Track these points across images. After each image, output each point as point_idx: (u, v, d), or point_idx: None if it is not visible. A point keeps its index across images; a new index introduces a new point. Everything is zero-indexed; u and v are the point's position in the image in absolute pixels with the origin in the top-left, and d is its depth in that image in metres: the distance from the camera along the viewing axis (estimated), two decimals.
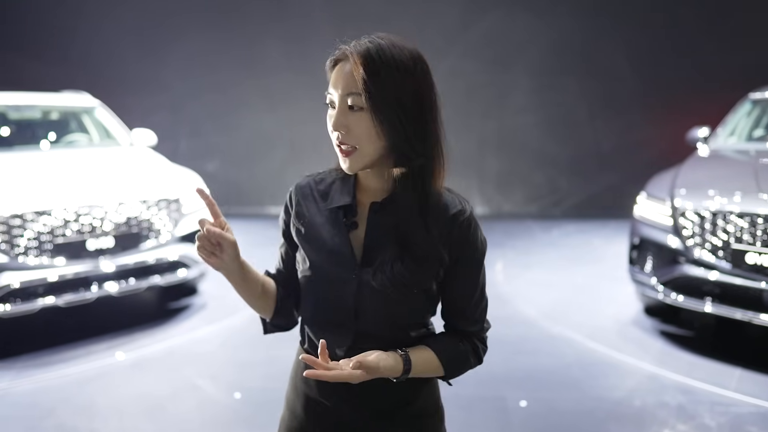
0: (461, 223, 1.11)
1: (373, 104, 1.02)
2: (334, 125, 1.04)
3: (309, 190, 1.17)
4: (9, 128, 4.83)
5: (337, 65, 1.06)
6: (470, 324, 1.19)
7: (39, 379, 3.33)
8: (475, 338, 1.20)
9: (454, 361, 1.15)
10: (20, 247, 3.60)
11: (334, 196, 1.14)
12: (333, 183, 1.16)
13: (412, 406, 1.17)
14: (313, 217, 1.14)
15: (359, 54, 1.03)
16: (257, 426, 2.87)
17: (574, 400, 3.07)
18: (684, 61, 7.58)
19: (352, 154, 1.05)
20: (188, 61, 8.19)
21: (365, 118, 1.03)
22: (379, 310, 1.11)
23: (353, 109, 1.03)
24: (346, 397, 1.14)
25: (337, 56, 1.07)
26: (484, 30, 7.87)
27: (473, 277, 1.16)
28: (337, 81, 1.05)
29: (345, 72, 1.04)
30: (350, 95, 1.03)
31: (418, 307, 1.13)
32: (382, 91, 1.01)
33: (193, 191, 4.39)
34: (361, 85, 1.01)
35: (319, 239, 1.13)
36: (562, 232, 7.03)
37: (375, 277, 1.08)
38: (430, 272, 1.10)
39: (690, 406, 2.96)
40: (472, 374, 3.50)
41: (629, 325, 4.09)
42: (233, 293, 1.24)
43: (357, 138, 1.04)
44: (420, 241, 1.07)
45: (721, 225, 3.49)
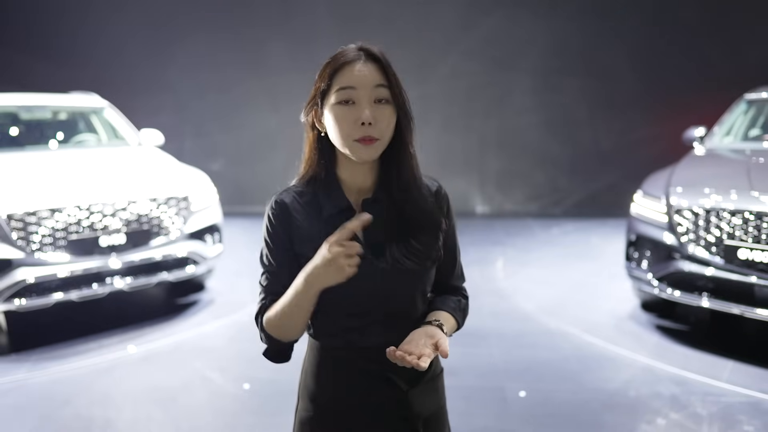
0: (443, 196, 1.29)
1: (397, 98, 1.16)
2: (366, 118, 1.12)
3: (296, 204, 1.21)
4: (20, 128, 4.94)
5: (352, 65, 1.15)
6: (458, 280, 1.37)
7: (54, 371, 3.45)
8: (462, 290, 1.38)
9: (462, 315, 1.33)
10: (35, 244, 3.71)
11: (325, 203, 1.20)
12: (315, 193, 1.21)
13: (430, 370, 1.29)
14: (312, 228, 1.19)
15: (379, 54, 1.17)
16: (266, 415, 2.98)
17: (571, 391, 3.18)
18: (684, 62, 7.67)
19: (374, 143, 1.14)
20: (193, 61, 8.30)
21: (389, 110, 1.16)
22: (404, 290, 1.21)
23: (380, 102, 1.15)
24: (385, 377, 1.22)
25: (352, 57, 1.15)
26: (485, 30, 7.97)
27: (455, 241, 1.34)
28: (361, 78, 1.14)
29: (368, 69, 1.15)
30: (378, 88, 1.14)
31: (431, 278, 1.27)
32: (399, 86, 1.17)
33: (200, 189, 4.51)
34: (385, 80, 1.15)
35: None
36: (561, 231, 7.13)
37: (394, 258, 1.19)
38: (436, 239, 1.24)
39: (683, 397, 3.06)
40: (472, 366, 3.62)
41: (626, 319, 4.20)
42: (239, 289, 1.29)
43: (381, 129, 1.14)
44: (425, 210, 1.22)
45: (714, 222, 3.60)
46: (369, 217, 1.06)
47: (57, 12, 8.41)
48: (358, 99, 1.14)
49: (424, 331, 1.17)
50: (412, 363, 1.07)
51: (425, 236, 1.21)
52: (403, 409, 1.24)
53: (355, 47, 1.18)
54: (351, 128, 1.13)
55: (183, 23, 8.23)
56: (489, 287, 4.95)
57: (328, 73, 1.16)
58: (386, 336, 1.19)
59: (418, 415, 1.26)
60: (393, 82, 1.16)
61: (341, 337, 1.22)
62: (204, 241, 4.46)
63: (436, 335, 1.16)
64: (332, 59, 1.17)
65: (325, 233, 1.13)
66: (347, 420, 1.24)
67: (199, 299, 4.67)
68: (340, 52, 1.17)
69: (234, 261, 5.51)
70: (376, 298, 1.19)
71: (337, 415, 1.25)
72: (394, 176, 1.21)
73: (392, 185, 1.21)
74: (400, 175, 1.21)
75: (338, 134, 1.15)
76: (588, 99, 7.98)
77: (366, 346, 1.21)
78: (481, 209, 8.31)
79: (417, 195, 1.22)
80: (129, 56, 8.33)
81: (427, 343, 1.13)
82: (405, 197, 1.20)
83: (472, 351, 3.65)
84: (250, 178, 8.39)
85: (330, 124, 1.17)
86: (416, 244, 1.19)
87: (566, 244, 6.47)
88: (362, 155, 1.15)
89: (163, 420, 2.94)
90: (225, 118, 8.45)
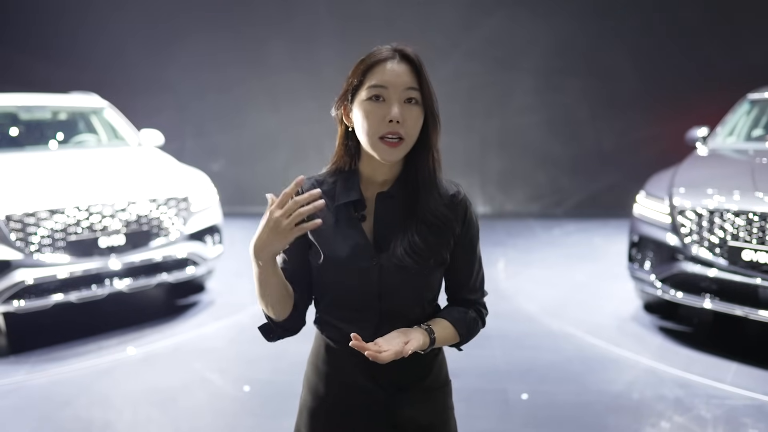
0: (461, 201, 1.25)
1: (427, 100, 1.17)
2: (395, 116, 1.13)
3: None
4: (20, 129, 4.92)
5: (385, 63, 1.16)
6: (473, 293, 1.32)
7: (53, 372, 3.43)
8: (478, 305, 1.34)
9: (467, 328, 1.28)
10: (34, 245, 3.69)
11: (339, 194, 1.21)
12: (335, 182, 1.23)
13: (426, 380, 1.28)
14: (323, 216, 1.19)
15: (413, 56, 1.18)
16: (266, 417, 2.96)
17: (574, 393, 3.15)
18: (685, 61, 7.65)
19: (400, 144, 1.15)
20: (193, 61, 8.28)
21: (417, 111, 1.17)
22: (401, 289, 1.20)
23: (410, 103, 1.15)
24: (371, 375, 1.23)
25: (386, 56, 1.16)
26: (486, 30, 7.95)
27: (474, 250, 1.29)
28: (394, 77, 1.15)
29: (402, 69, 1.16)
30: (410, 89, 1.15)
31: (434, 281, 1.24)
32: (429, 87, 1.19)
33: (200, 190, 4.48)
34: (417, 83, 1.17)
35: (335, 235, 1.20)
36: (563, 231, 7.10)
37: (395, 255, 1.18)
38: (444, 241, 1.22)
39: (687, 399, 3.04)
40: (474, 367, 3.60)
41: (629, 321, 4.17)
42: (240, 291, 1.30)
43: (408, 129, 1.15)
44: (435, 208, 1.20)
45: (718, 223, 3.57)
46: (318, 192, 1.04)
47: (57, 12, 8.40)
48: (388, 97, 1.15)
49: (405, 330, 1.18)
50: (369, 354, 1.07)
51: (432, 237, 1.20)
52: (389, 414, 1.24)
53: (390, 47, 1.19)
54: (379, 124, 1.14)
55: (183, 23, 8.21)
56: (491, 288, 4.85)
57: (361, 69, 1.17)
58: (378, 334, 1.18)
59: (407, 422, 1.25)
60: (424, 84, 1.17)
61: (336, 329, 1.23)
62: (204, 242, 4.44)
63: (411, 335, 1.16)
64: (366, 56, 1.18)
65: (333, 222, 1.19)
66: (338, 414, 1.26)
67: (199, 300, 4.65)
68: (375, 51, 1.18)
69: (234, 262, 5.49)
70: (371, 293, 1.19)
71: (331, 407, 1.27)
72: (411, 175, 1.21)
73: (409, 184, 1.22)
74: (419, 175, 1.21)
75: (365, 130, 1.16)
76: (589, 99, 7.96)
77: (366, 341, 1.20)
78: (483, 210, 8.29)
79: (431, 196, 1.21)
80: (129, 56, 8.32)
81: (400, 342, 1.13)
82: (418, 197, 1.20)
83: (474, 352, 3.61)
84: (250, 178, 8.37)
85: (358, 119, 1.17)
86: (420, 243, 1.19)
87: (568, 245, 6.44)
88: (386, 156, 1.16)
89: (162, 421, 2.92)
90: (225, 118, 8.44)
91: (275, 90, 8.17)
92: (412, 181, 1.21)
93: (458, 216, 1.24)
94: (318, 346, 1.31)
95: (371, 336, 1.17)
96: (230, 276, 5.17)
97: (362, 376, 1.24)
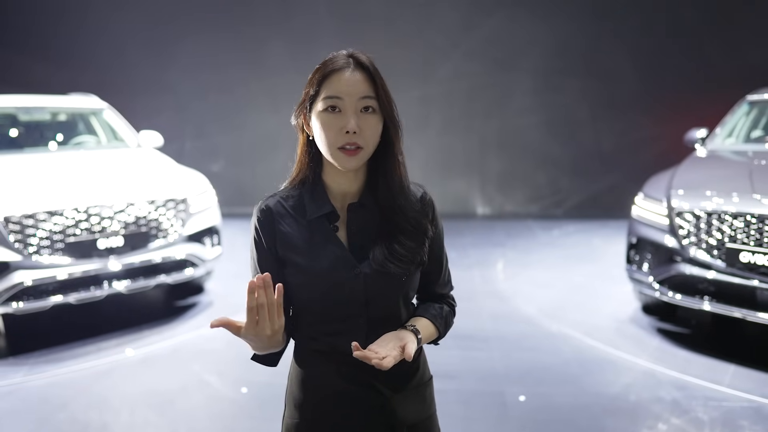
0: (428, 203, 1.29)
1: (384, 107, 1.17)
2: (351, 127, 1.13)
3: (281, 208, 1.22)
4: (19, 130, 4.93)
5: (340, 73, 1.15)
6: (443, 287, 1.37)
7: (51, 374, 3.43)
8: (449, 299, 1.38)
9: (444, 323, 1.33)
10: (33, 246, 3.70)
11: (309, 207, 1.21)
12: (300, 197, 1.23)
13: (416, 377, 1.30)
14: (296, 232, 1.20)
15: (368, 63, 1.17)
16: (264, 419, 2.96)
17: (572, 395, 3.15)
18: (684, 62, 7.65)
19: (358, 153, 1.16)
20: (193, 62, 8.28)
21: (375, 120, 1.17)
22: (387, 294, 1.21)
23: (366, 111, 1.16)
24: (365, 381, 1.23)
25: (341, 65, 1.16)
26: (486, 31, 7.95)
27: (442, 247, 1.33)
28: (350, 87, 1.15)
29: (357, 79, 1.15)
30: (365, 98, 1.15)
31: (415, 281, 1.27)
32: (387, 95, 1.18)
33: (198, 191, 4.49)
34: (374, 90, 1.16)
35: (313, 250, 1.20)
36: (562, 232, 7.10)
37: (376, 261, 1.19)
38: (421, 245, 1.24)
39: (684, 401, 3.04)
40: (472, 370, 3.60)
41: (627, 322, 4.17)
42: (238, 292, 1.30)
43: (366, 138, 1.16)
44: (409, 217, 1.22)
45: (716, 225, 3.57)
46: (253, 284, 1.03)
47: (56, 13, 8.40)
48: (344, 107, 1.15)
49: (396, 334, 1.20)
50: (374, 362, 1.09)
51: (410, 241, 1.22)
52: (387, 416, 1.25)
53: (346, 54, 1.19)
54: (336, 136, 1.15)
55: (182, 24, 8.22)
56: (489, 289, 4.92)
57: (317, 79, 1.17)
58: (369, 340, 1.19)
59: (402, 422, 1.26)
60: (380, 92, 1.17)
61: (324, 342, 1.23)
62: (203, 244, 4.44)
63: (406, 338, 1.18)
64: (322, 65, 1.18)
65: (308, 237, 1.20)
66: (331, 427, 1.25)
67: (197, 302, 4.65)
68: (330, 59, 1.18)
69: (233, 263, 5.50)
70: (358, 301, 1.20)
71: (322, 421, 1.25)
72: (381, 183, 1.22)
73: (379, 192, 1.23)
74: (388, 183, 1.22)
75: (323, 141, 1.17)
76: (589, 100, 7.96)
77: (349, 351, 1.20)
78: (482, 210, 8.29)
79: (404, 202, 1.23)
80: (128, 57, 8.32)
81: (396, 346, 1.15)
82: (392, 204, 1.22)
83: (471, 354, 3.63)
84: (249, 179, 8.37)
85: (316, 130, 1.18)
86: (400, 249, 1.20)
87: (567, 246, 6.44)
88: (345, 164, 1.16)
89: (160, 424, 2.92)
90: (225, 119, 8.44)
91: (275, 91, 8.17)
92: (382, 189, 1.22)
93: (429, 217, 1.27)
94: (302, 362, 1.28)
95: (363, 344, 1.17)
96: (229, 277, 5.18)
97: (358, 384, 1.23)
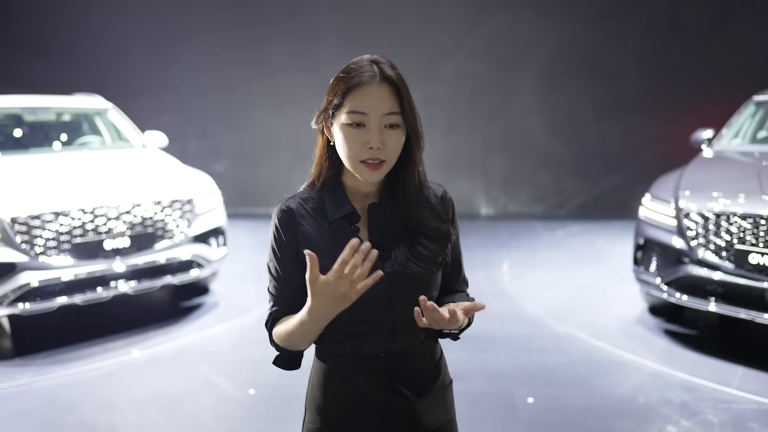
0: (448, 202, 1.31)
1: (408, 120, 1.17)
2: (375, 144, 1.13)
3: (302, 210, 1.22)
4: (24, 130, 4.92)
5: (366, 87, 1.13)
6: (463, 284, 1.38)
7: (58, 375, 3.43)
8: (467, 295, 1.38)
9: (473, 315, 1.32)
10: (39, 247, 3.69)
11: (330, 209, 1.21)
12: (321, 198, 1.23)
13: (438, 381, 1.30)
14: (318, 233, 1.20)
15: (394, 76, 1.15)
16: (272, 421, 2.95)
17: (580, 396, 3.14)
18: (689, 63, 7.63)
19: (381, 167, 1.16)
20: (196, 60, 8.27)
21: (398, 134, 1.17)
22: (409, 294, 1.19)
23: (391, 127, 1.15)
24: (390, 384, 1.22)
25: (366, 79, 1.14)
26: (490, 31, 7.94)
27: (458, 246, 1.35)
28: (375, 102, 1.13)
29: (383, 93, 1.14)
30: (390, 115, 1.14)
31: (437, 282, 1.27)
32: (411, 108, 1.16)
33: (204, 192, 4.48)
34: (399, 105, 1.15)
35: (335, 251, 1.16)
36: (566, 233, 7.09)
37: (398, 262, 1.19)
38: (443, 247, 1.25)
39: (693, 403, 3.03)
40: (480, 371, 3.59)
41: (634, 324, 4.16)
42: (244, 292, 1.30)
43: (389, 152, 1.16)
44: (430, 221, 1.23)
45: (724, 226, 3.56)
46: (368, 246, 1.04)
47: (58, 12, 8.39)
48: (369, 123, 1.14)
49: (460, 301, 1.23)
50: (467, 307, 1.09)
51: (432, 244, 1.23)
52: (411, 420, 1.24)
53: (369, 61, 1.17)
54: (359, 150, 1.15)
55: (185, 23, 8.21)
56: (495, 290, 4.91)
57: (341, 90, 1.15)
58: (393, 343, 1.20)
59: (426, 426, 1.25)
60: (405, 106, 1.16)
61: (348, 345, 1.22)
62: (208, 244, 4.43)
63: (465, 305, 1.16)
64: (346, 75, 1.16)
65: (330, 238, 1.19)
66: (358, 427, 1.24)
67: (203, 302, 4.65)
68: (354, 69, 1.16)
69: (238, 263, 5.49)
70: (382, 303, 1.19)
71: (345, 426, 1.24)
72: (399, 191, 1.23)
73: (398, 199, 1.23)
74: (407, 191, 1.22)
75: (346, 154, 1.17)
76: (593, 100, 7.95)
77: (373, 354, 1.21)
78: (486, 211, 8.28)
79: (420, 211, 1.23)
80: (131, 56, 8.31)
81: (458, 307, 1.14)
82: (410, 212, 1.22)
83: (478, 356, 3.62)
84: (253, 180, 8.37)
85: (339, 140, 1.18)
86: (423, 250, 1.21)
87: (572, 247, 6.43)
88: (368, 178, 1.17)
89: (168, 425, 2.91)
90: (228, 118, 8.43)
91: (278, 90, 8.17)
92: (401, 197, 1.22)
93: (448, 216, 1.28)
94: (325, 367, 1.27)
95: (388, 345, 1.17)
96: (234, 278, 5.17)
97: (383, 388, 1.22)
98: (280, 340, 1.19)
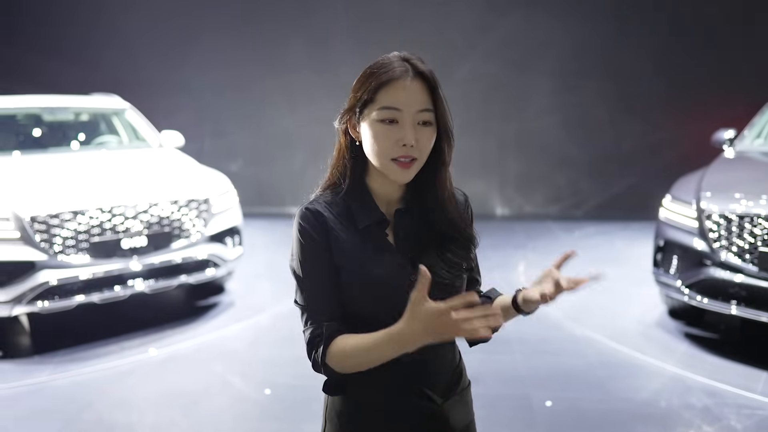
0: (468, 205, 1.31)
1: (442, 117, 1.14)
2: (409, 141, 1.09)
3: (330, 214, 1.16)
4: (42, 130, 4.97)
5: (399, 82, 1.10)
6: (479, 284, 1.37)
7: (76, 373, 3.45)
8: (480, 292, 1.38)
9: None
10: (58, 246, 3.72)
11: (359, 215, 1.16)
12: (344, 203, 1.18)
13: (461, 383, 1.28)
14: (348, 239, 1.15)
15: (427, 72, 1.13)
16: (288, 421, 2.95)
17: (599, 400, 3.10)
18: (705, 62, 7.52)
19: (413, 165, 1.13)
20: (209, 59, 8.27)
21: (431, 131, 1.14)
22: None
23: (424, 125, 1.12)
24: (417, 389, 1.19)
25: (399, 74, 1.11)
26: (503, 32, 7.89)
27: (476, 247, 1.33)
28: (409, 98, 1.10)
29: (416, 89, 1.11)
30: (423, 112, 1.11)
31: (464, 287, 1.26)
32: (444, 105, 1.14)
33: (220, 192, 4.49)
34: (432, 102, 1.12)
35: (366, 257, 1.15)
36: (583, 234, 7.02)
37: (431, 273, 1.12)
38: (469, 251, 1.24)
39: (716, 409, 2.98)
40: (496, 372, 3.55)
41: (653, 326, 4.10)
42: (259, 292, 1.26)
43: (420, 150, 1.13)
44: (458, 226, 1.21)
45: (747, 228, 3.49)
46: (477, 299, 0.98)
47: (69, 12, 8.41)
48: (402, 119, 1.11)
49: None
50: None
51: (461, 250, 1.21)
52: (439, 424, 1.22)
53: (400, 57, 1.14)
54: (392, 147, 1.11)
55: (197, 22, 8.22)
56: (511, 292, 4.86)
57: (372, 86, 1.12)
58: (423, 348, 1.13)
59: (452, 428, 1.23)
60: (439, 103, 1.13)
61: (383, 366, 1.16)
62: (224, 244, 4.44)
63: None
64: (377, 70, 1.12)
65: (360, 244, 1.15)
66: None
67: (219, 302, 4.66)
68: (386, 65, 1.12)
69: (253, 263, 5.50)
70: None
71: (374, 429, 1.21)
72: (427, 192, 1.20)
73: (426, 200, 1.20)
74: (438, 192, 1.19)
75: (376, 151, 1.13)
76: (607, 100, 7.87)
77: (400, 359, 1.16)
78: (501, 212, 8.23)
79: (451, 211, 1.21)
80: (143, 56, 8.33)
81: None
82: (439, 215, 1.20)
83: (495, 357, 3.58)
84: (267, 179, 8.38)
85: (368, 138, 1.14)
86: (452, 257, 1.19)
87: (589, 248, 6.36)
88: (399, 177, 1.14)
89: (185, 425, 2.91)
90: (242, 117, 8.45)
91: (291, 88, 8.16)
92: (431, 198, 1.19)
93: (470, 221, 1.28)
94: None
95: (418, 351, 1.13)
96: (250, 277, 5.18)
97: (409, 393, 1.20)
98: (345, 356, 1.09)
